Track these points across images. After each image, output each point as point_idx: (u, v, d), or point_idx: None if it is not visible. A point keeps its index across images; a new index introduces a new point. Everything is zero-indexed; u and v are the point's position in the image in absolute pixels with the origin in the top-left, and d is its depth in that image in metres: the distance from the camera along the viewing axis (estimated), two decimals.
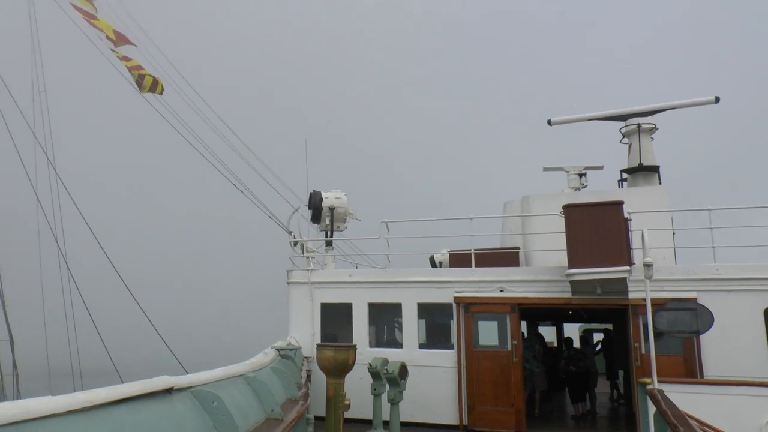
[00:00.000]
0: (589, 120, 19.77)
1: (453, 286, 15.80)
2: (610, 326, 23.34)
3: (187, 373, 6.59)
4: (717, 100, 18.18)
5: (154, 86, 24.25)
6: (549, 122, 19.99)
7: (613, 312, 18.12)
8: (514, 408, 14.76)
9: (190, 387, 5.98)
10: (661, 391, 9.54)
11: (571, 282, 14.31)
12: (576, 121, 19.94)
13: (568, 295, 14.82)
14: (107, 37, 24.09)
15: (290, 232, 17.68)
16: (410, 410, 14.73)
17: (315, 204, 17.88)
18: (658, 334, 12.19)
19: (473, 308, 15.48)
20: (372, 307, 16.53)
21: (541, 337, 21.06)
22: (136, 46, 24.45)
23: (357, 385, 13.89)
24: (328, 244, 18.03)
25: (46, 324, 31.49)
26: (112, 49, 24.28)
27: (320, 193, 18.00)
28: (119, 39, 24.22)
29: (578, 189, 19.20)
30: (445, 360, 15.52)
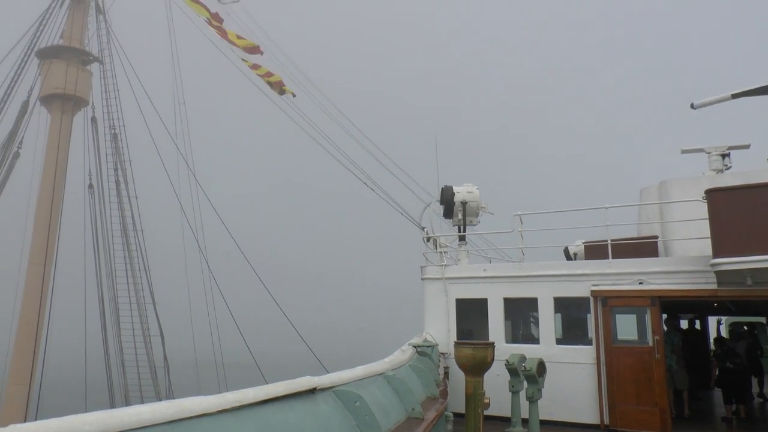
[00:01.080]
0: (734, 98, 18.49)
1: (590, 279, 15.31)
2: (763, 320, 21.93)
3: (327, 371, 6.75)
4: None
5: (280, 85, 25.08)
6: (692, 106, 18.85)
7: (765, 304, 16.99)
8: (658, 408, 14.09)
9: (333, 387, 6.06)
10: None
11: (717, 272, 13.45)
12: (720, 101, 18.71)
13: (714, 286, 13.99)
14: (237, 46, 25.05)
15: (423, 228, 17.71)
16: (549, 408, 14.46)
17: (447, 199, 17.83)
18: None
19: (611, 302, 14.94)
20: (507, 302, 16.28)
21: (696, 333, 19.92)
22: (262, 53, 25.31)
23: (494, 381, 13.67)
24: (461, 239, 17.90)
25: (192, 320, 33.22)
26: (243, 59, 25.27)
27: (452, 187, 17.93)
28: (248, 50, 25.19)
29: (721, 171, 18.14)
30: (583, 356, 15.09)
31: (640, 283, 14.78)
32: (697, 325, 23.86)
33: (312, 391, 5.39)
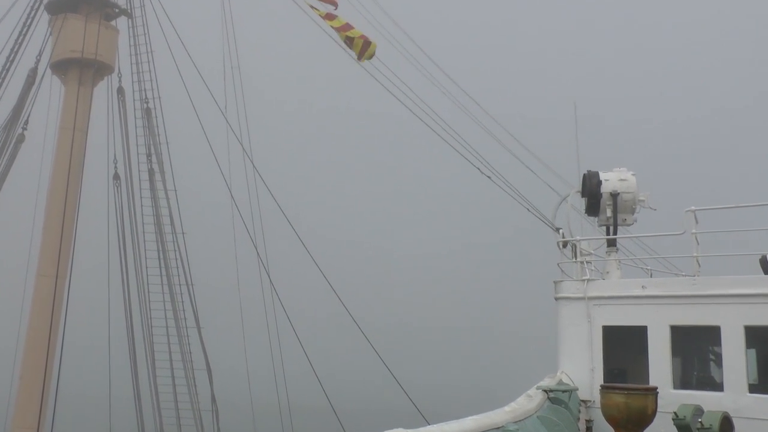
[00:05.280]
0: None
1: None
2: None
3: (427, 422, 7.13)
4: None
5: (365, 48, 24.86)
6: None
7: None
8: None
9: None
10: None
11: None
12: None
13: None
14: None
15: (558, 230, 17.29)
16: None
17: (591, 190, 17.31)
18: None
19: None
20: (675, 331, 15.60)
21: None
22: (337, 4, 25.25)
23: None
24: (611, 244, 17.38)
25: (247, 349, 33.20)
26: (311, 6, 25.19)
27: (598, 174, 17.36)
28: None
29: None
30: None
31: None
32: None
33: None
